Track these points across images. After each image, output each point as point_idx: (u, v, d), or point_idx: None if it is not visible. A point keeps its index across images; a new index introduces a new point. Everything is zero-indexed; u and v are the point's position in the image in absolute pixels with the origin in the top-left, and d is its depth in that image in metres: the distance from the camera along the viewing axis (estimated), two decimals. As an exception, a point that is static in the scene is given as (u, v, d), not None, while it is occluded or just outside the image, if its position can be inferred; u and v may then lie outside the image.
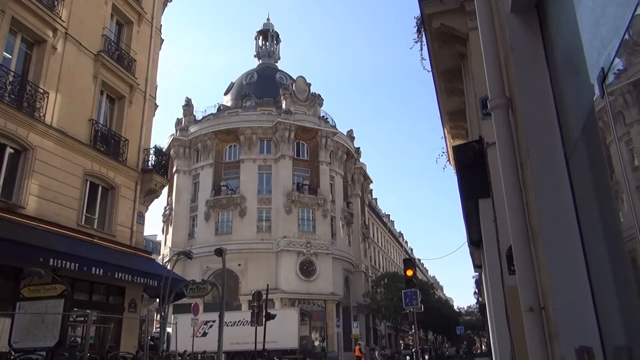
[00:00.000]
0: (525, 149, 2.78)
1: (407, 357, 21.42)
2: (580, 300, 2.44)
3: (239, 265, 40.87)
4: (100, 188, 17.49)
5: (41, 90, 15.15)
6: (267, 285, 25.56)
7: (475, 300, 54.07)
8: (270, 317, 20.86)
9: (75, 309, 15.58)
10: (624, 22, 1.58)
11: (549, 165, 2.66)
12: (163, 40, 22.89)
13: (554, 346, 2.62)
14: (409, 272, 16.94)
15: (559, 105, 2.72)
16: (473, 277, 49.53)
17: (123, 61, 19.17)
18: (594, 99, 2.10)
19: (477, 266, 15.08)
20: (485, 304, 15.28)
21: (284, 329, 28.95)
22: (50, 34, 15.76)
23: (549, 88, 2.77)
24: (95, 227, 16.97)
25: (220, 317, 16.00)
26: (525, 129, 2.78)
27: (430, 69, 9.72)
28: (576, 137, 2.47)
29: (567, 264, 2.52)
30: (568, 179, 2.61)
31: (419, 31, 9.17)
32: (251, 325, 21.23)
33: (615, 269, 2.23)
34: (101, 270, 14.26)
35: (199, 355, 19.93)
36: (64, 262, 12.95)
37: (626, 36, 1.62)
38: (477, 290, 43.35)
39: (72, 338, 15.43)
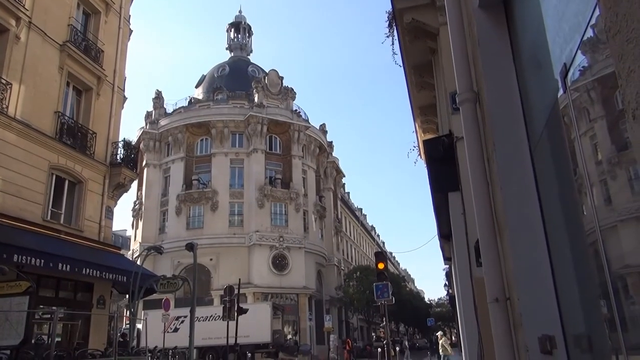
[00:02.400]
0: (492, 143, 2.83)
1: (379, 350, 21.66)
2: (544, 291, 2.50)
3: (211, 259, 40.50)
4: (66, 182, 17.06)
5: (4, 81, 14.66)
6: (239, 279, 25.41)
7: (446, 292, 54.94)
8: (242, 311, 20.75)
9: (41, 306, 15.21)
10: (585, 18, 1.61)
11: (514, 159, 2.72)
12: (132, 31, 22.40)
13: (518, 335, 2.69)
14: (380, 265, 17.10)
15: (524, 100, 2.77)
16: (443, 269, 50.25)
17: (90, 52, 18.69)
18: (557, 94, 2.15)
19: (447, 259, 15.34)
20: (455, 295, 15.55)
21: (257, 323, 28.89)
22: (13, 22, 15.23)
23: (515, 83, 2.82)
24: (61, 222, 16.56)
25: (192, 312, 15.87)
26: (491, 123, 2.83)
27: (401, 64, 9.77)
28: (540, 132, 2.52)
29: (531, 256, 2.58)
30: (532, 173, 2.67)
31: (390, 26, 9.20)
32: (223, 320, 21.10)
33: (577, 260, 2.30)
34: (68, 266, 13.93)
35: (170, 351, 19.69)
36: (28, 258, 12.61)
37: (587, 33, 1.65)
38: (447, 283, 44.04)
39: (38, 336, 15.07)
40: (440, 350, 20.95)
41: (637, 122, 1.07)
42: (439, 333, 23.52)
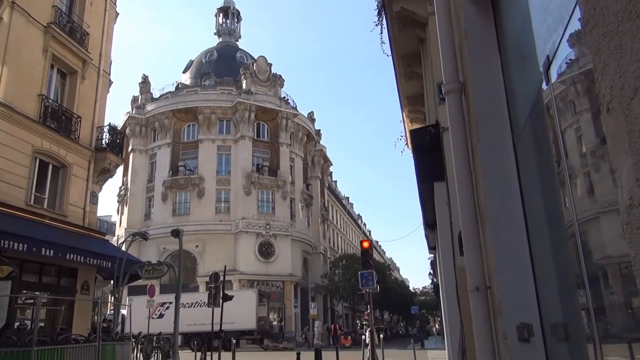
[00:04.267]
0: (476, 133, 2.85)
1: (363, 337, 21.89)
2: (523, 281, 2.54)
3: (197, 246, 40.43)
4: (50, 166, 16.83)
5: (-14, 63, 14.36)
6: (225, 266, 25.41)
7: (430, 281, 55.60)
8: (227, 298, 20.72)
9: (24, 291, 15.08)
10: (568, 11, 1.62)
11: (497, 150, 2.74)
12: (118, 13, 22.03)
13: (497, 323, 2.74)
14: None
15: (508, 92, 2.79)
16: (428, 258, 50.80)
17: (75, 34, 18.34)
18: (541, 86, 2.17)
19: (432, 248, 15.48)
20: (439, 284, 15.74)
21: (242, 310, 28.99)
22: (-5, 2, 14.88)
23: (500, 74, 2.83)
24: (45, 206, 16.36)
25: (177, 298, 15.84)
26: (476, 114, 2.84)
27: (390, 53, 9.76)
28: (523, 123, 2.54)
29: (511, 246, 2.62)
30: (515, 164, 2.70)
31: (379, 14, 9.17)
32: (208, 306, 21.11)
33: (556, 251, 2.34)
34: (51, 251, 13.79)
35: (155, 337, 19.68)
36: (11, 242, 12.45)
37: (570, 26, 1.66)
38: (432, 271, 44.58)
39: (21, 321, 14.96)
40: (368, 340, 20.71)
41: (611, 115, 1.09)
42: (366, 323, 23.25)
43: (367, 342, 20.59)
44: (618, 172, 1.10)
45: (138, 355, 17.38)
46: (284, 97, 48.65)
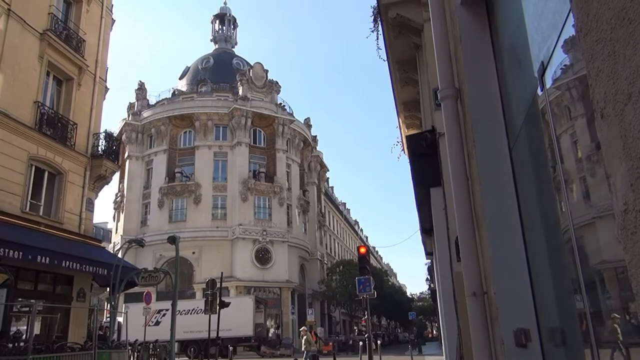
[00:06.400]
0: (472, 139, 2.86)
1: (360, 343, 21.81)
2: (520, 286, 2.54)
3: (193, 253, 40.31)
4: (46, 173, 16.77)
5: (-19, 70, 14.33)
6: (222, 273, 25.33)
7: (427, 287, 55.56)
8: (224, 305, 20.67)
9: (20, 299, 15.01)
10: (562, 17, 1.63)
11: (493, 155, 2.75)
12: (114, 20, 22.05)
13: (495, 328, 2.73)
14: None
15: (504, 97, 2.80)
16: (426, 264, 50.73)
17: (71, 41, 18.34)
18: (535, 91, 2.18)
19: (429, 253, 15.47)
20: (436, 290, 15.71)
21: (239, 317, 28.89)
22: (-9, 10, 14.88)
23: (495, 80, 2.85)
24: (41, 214, 16.29)
25: (173, 305, 15.78)
26: (471, 119, 2.85)
27: (386, 59, 9.79)
28: (519, 129, 2.55)
29: (508, 251, 2.62)
30: (511, 169, 2.71)
31: (375, 21, 9.22)
32: (205, 313, 21.03)
33: (552, 256, 2.34)
34: (47, 258, 13.72)
35: (151, 344, 19.59)
36: (6, 250, 12.38)
37: (564, 32, 1.68)
38: (429, 277, 44.50)
39: (16, 329, 14.87)
40: (303, 347, 20.03)
41: (605, 121, 1.09)
42: (303, 328, 22.28)
43: (303, 348, 19.85)
44: (612, 177, 1.11)
45: (134, 363, 17.29)
46: (281, 104, 48.73)
